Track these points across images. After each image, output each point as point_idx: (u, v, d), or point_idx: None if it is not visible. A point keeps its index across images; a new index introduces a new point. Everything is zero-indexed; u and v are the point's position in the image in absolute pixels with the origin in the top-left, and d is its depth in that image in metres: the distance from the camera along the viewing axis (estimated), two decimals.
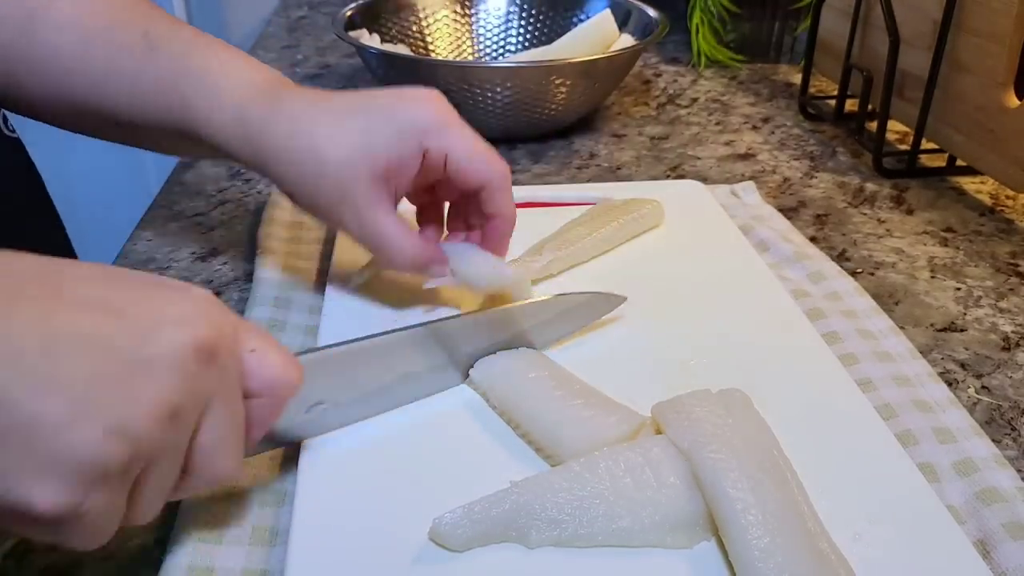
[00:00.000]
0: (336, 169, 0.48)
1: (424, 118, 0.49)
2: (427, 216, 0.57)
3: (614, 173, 0.80)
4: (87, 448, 0.28)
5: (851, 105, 0.86)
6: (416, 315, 0.53)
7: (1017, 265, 0.65)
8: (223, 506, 0.41)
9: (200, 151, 0.54)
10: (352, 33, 0.87)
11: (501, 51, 1.00)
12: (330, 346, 0.43)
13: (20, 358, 0.28)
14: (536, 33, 0.99)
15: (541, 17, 0.99)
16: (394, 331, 0.45)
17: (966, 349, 0.56)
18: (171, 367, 0.31)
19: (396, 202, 0.51)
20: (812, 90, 0.95)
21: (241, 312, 0.56)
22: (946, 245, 0.68)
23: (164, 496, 0.34)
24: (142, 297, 0.32)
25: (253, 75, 0.51)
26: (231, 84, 0.50)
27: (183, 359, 0.31)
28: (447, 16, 0.99)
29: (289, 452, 0.45)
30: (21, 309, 0.29)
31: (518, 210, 0.53)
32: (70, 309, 0.30)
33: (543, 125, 0.84)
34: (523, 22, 1.00)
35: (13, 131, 0.61)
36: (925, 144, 0.78)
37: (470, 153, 0.50)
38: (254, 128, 0.49)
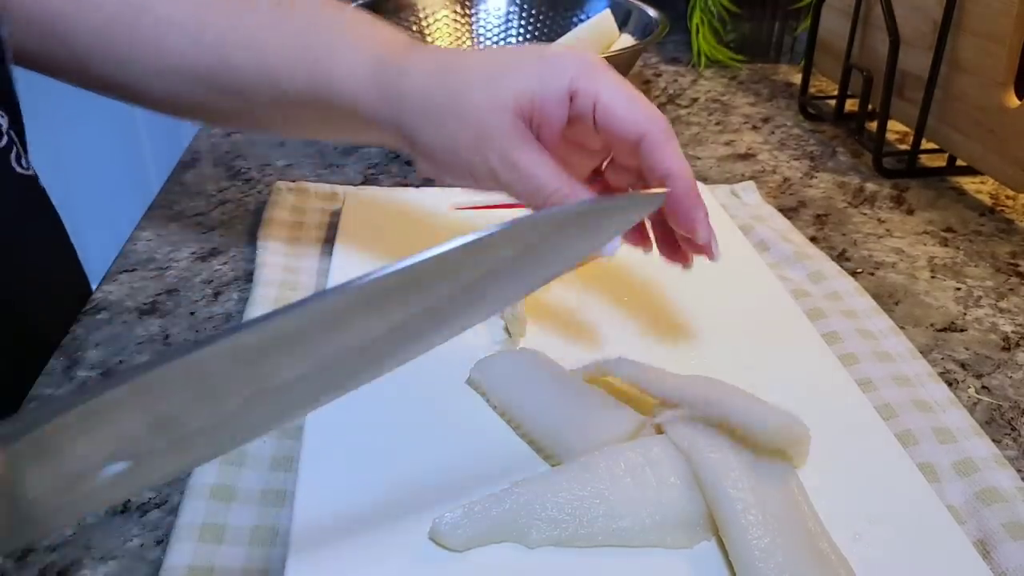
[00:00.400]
0: (479, 108, 0.45)
1: (573, 62, 0.44)
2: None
3: None
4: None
5: (851, 105, 0.86)
6: None
7: (1017, 265, 0.65)
8: (223, 506, 0.41)
9: (318, 121, 0.51)
10: None
11: None
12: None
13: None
14: (536, 33, 0.99)
15: (541, 17, 0.99)
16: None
17: (966, 349, 0.56)
18: None
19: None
20: (812, 90, 0.95)
21: (240, 313, 0.56)
22: (946, 245, 0.68)
23: None
24: None
25: (384, 32, 0.50)
26: (365, 37, 0.48)
27: None
28: (447, 16, 0.99)
29: (289, 452, 0.45)
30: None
31: (517, 210, 0.51)
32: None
33: None
34: (523, 22, 1.00)
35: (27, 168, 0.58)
36: (925, 144, 0.78)
37: (624, 99, 0.44)
38: (391, 77, 0.47)
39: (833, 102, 0.88)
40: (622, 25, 0.92)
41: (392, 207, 0.67)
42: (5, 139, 0.54)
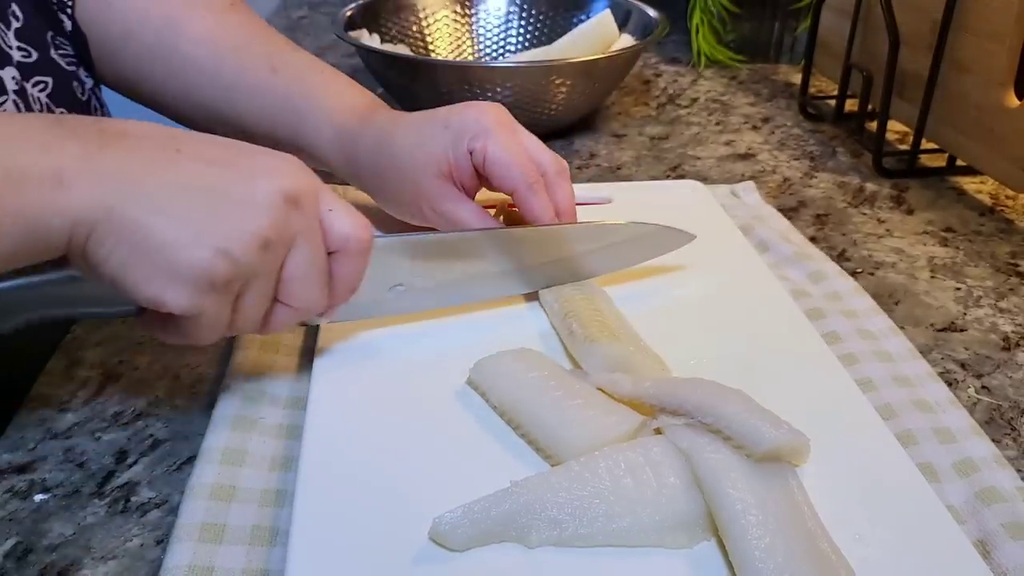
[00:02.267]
0: (411, 172, 0.56)
1: (471, 123, 0.55)
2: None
3: (614, 173, 0.80)
4: (202, 263, 0.38)
5: (851, 105, 0.86)
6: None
7: (1017, 265, 0.65)
8: (223, 506, 0.41)
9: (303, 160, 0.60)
10: (352, 33, 0.87)
11: (501, 51, 1.00)
12: (411, 234, 0.51)
13: (153, 198, 0.38)
14: (536, 33, 0.99)
15: (541, 17, 0.99)
16: (471, 230, 0.54)
17: (966, 349, 0.56)
18: (265, 208, 0.40)
19: (471, 196, 0.57)
20: (812, 90, 0.95)
21: None
22: (946, 245, 0.68)
23: (260, 313, 0.43)
24: (244, 155, 0.42)
25: (353, 100, 0.60)
26: (334, 107, 0.59)
27: (274, 202, 0.40)
28: (447, 16, 0.99)
29: (289, 452, 0.45)
30: (153, 163, 0.39)
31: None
32: (188, 161, 0.40)
33: (543, 125, 0.84)
34: (523, 22, 1.00)
35: None
36: (925, 144, 0.78)
37: (502, 157, 0.54)
38: (349, 142, 0.58)
39: (833, 102, 0.88)
40: (622, 25, 0.92)
41: None
42: (89, 95, 0.62)
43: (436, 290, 0.52)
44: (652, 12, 0.91)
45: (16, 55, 0.54)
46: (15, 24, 0.54)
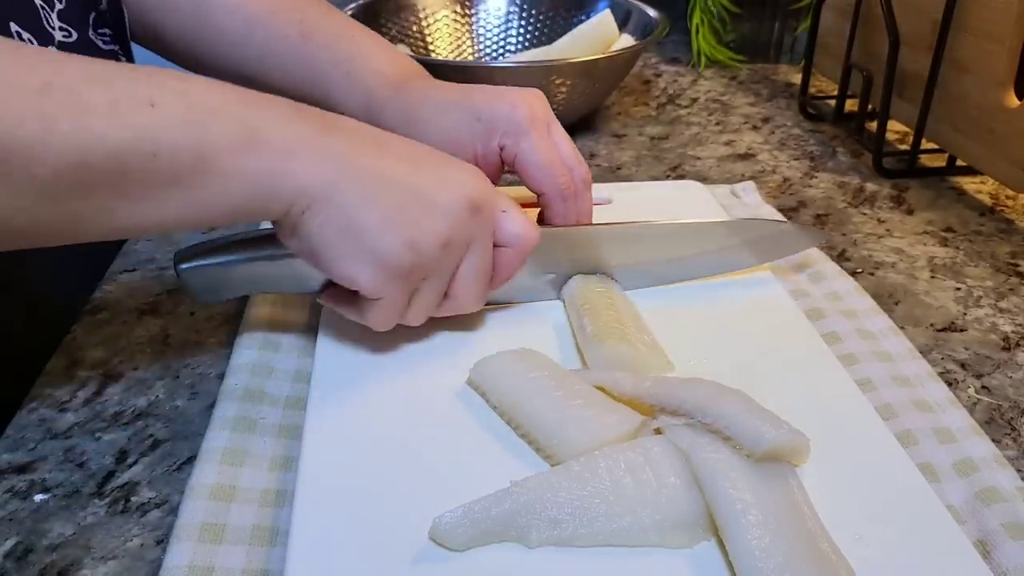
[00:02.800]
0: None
1: (504, 118, 0.54)
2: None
3: (614, 173, 0.80)
4: (391, 249, 0.43)
5: (851, 105, 0.86)
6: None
7: (1017, 265, 0.65)
8: (223, 506, 0.41)
9: None
10: None
11: (501, 51, 1.00)
12: (558, 226, 0.54)
13: (365, 184, 0.43)
14: (536, 33, 0.99)
15: (541, 17, 0.99)
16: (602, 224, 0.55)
17: (966, 349, 0.56)
18: (450, 211, 0.44)
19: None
20: (812, 90, 0.95)
21: (240, 313, 0.56)
22: (946, 245, 0.68)
23: (430, 309, 0.48)
24: (436, 161, 0.46)
25: (385, 66, 0.60)
26: (365, 74, 0.59)
27: (458, 207, 0.45)
28: (447, 16, 0.99)
29: (289, 452, 0.45)
30: (363, 152, 0.43)
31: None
32: (392, 159, 0.44)
33: None
34: (523, 22, 1.00)
35: None
36: (925, 144, 0.78)
37: (536, 159, 0.54)
38: (375, 112, 0.58)
39: (833, 102, 0.88)
40: (622, 25, 0.92)
41: None
42: None
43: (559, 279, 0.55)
44: (652, 12, 0.91)
45: (58, 35, 0.55)
46: (59, 6, 0.55)
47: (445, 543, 0.37)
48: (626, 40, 0.90)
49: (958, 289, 0.62)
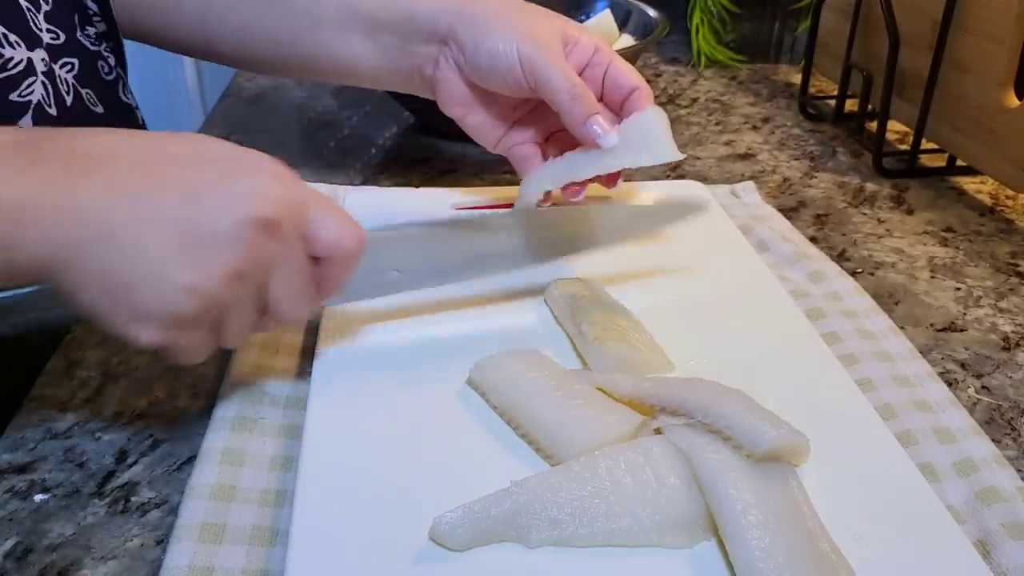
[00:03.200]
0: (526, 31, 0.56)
1: (591, 43, 0.58)
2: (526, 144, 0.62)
3: None
4: (170, 300, 0.38)
5: (851, 105, 0.86)
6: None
7: (1017, 265, 0.65)
8: (223, 506, 0.41)
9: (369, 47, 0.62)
10: None
11: None
12: (407, 224, 0.51)
13: (118, 236, 0.37)
14: None
15: None
16: (463, 217, 0.54)
17: (966, 349, 0.56)
18: (237, 239, 0.38)
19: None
20: (812, 90, 0.95)
21: None
22: (946, 245, 0.68)
23: (248, 330, 0.43)
24: (220, 172, 0.40)
25: None
26: None
27: (247, 232, 0.38)
28: None
29: (289, 452, 0.45)
30: (119, 196, 0.37)
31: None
32: (160, 191, 0.38)
33: None
34: None
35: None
36: (925, 144, 0.78)
37: (627, 67, 0.58)
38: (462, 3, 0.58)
39: (833, 102, 0.88)
40: (622, 25, 0.92)
41: (392, 207, 0.67)
42: (114, 74, 0.63)
43: (435, 272, 0.52)
44: (652, 12, 0.91)
45: (45, 37, 0.55)
46: (44, 7, 0.55)
47: (445, 543, 0.37)
48: (626, 40, 0.90)
49: (958, 289, 0.62)
